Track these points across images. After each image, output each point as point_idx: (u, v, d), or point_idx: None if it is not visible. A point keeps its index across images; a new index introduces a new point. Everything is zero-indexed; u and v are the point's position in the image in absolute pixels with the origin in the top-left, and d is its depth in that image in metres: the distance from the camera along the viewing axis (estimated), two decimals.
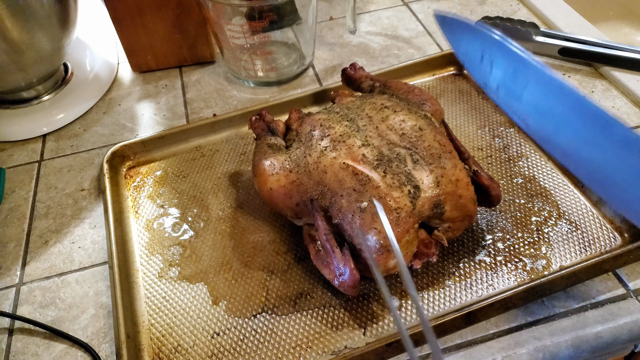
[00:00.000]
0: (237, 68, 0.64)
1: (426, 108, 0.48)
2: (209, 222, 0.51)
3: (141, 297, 0.45)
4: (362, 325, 0.42)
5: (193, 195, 0.53)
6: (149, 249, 0.49)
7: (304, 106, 0.61)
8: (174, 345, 0.42)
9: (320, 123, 0.46)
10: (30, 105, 0.63)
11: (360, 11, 0.76)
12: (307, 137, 0.46)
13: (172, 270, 0.47)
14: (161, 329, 0.43)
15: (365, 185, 0.40)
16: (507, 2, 0.75)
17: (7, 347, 0.43)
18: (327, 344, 0.41)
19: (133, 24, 0.62)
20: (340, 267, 0.39)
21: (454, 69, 0.65)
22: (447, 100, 0.61)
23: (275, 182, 0.44)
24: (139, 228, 0.51)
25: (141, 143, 0.57)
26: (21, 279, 0.48)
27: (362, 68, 0.57)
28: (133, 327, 0.43)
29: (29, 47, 0.56)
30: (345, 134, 0.44)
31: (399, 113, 0.45)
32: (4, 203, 0.54)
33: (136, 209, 0.53)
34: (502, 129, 0.57)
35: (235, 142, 0.58)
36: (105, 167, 0.54)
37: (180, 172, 0.56)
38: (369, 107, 0.47)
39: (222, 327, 0.43)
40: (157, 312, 0.44)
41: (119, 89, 0.67)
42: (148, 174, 0.56)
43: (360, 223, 0.39)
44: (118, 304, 0.43)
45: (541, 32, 0.64)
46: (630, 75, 0.60)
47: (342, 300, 0.43)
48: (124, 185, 0.55)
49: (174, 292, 0.45)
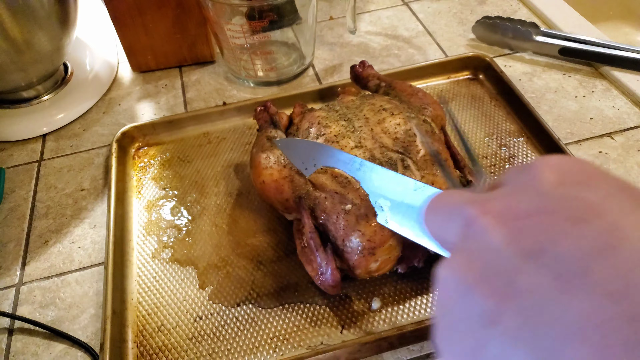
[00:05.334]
0: (237, 68, 0.64)
1: (427, 113, 0.48)
2: (206, 208, 0.52)
3: (133, 275, 0.47)
4: (340, 323, 0.42)
5: (195, 180, 0.54)
6: (146, 229, 0.50)
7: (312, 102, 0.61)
8: (158, 324, 0.43)
9: (318, 121, 0.46)
10: (30, 105, 0.63)
11: (360, 11, 0.76)
12: (304, 133, 0.46)
13: (166, 251, 0.48)
14: (148, 308, 0.44)
15: (346, 188, 0.40)
16: (507, 1, 0.75)
17: (7, 347, 0.43)
18: (304, 338, 0.42)
19: (133, 24, 0.62)
20: (322, 265, 0.39)
21: (469, 73, 0.64)
22: (458, 104, 0.60)
23: (268, 175, 0.45)
24: (140, 208, 0.52)
25: (151, 125, 0.59)
26: (21, 279, 0.48)
27: (370, 66, 0.57)
28: (121, 304, 0.44)
29: (29, 47, 0.56)
30: (340, 134, 0.44)
31: (396, 116, 0.45)
32: (3, 203, 0.54)
33: (139, 189, 0.54)
34: (510, 138, 0.56)
35: (242, 131, 0.59)
36: (114, 146, 0.56)
37: (186, 157, 0.57)
38: (367, 108, 0.47)
39: (206, 311, 0.44)
40: (145, 291, 0.46)
41: (119, 88, 0.67)
42: (155, 156, 0.57)
43: (344, 225, 0.39)
44: (108, 280, 0.44)
45: (541, 32, 0.64)
46: (630, 75, 0.60)
47: (324, 298, 0.44)
48: (130, 166, 0.56)
49: (165, 273, 0.47)
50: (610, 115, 0.57)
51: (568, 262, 0.15)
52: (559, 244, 0.15)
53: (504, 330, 0.15)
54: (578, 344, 0.13)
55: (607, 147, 0.54)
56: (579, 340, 0.13)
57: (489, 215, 0.17)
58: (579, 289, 0.14)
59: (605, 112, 0.58)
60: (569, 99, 0.60)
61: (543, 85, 0.62)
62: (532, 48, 0.65)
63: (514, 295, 0.15)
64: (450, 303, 0.18)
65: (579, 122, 0.57)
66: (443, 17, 0.74)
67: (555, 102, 0.60)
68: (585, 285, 0.14)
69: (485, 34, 0.68)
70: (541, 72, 0.64)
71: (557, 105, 0.59)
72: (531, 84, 0.62)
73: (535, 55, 0.66)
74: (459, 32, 0.71)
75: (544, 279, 0.15)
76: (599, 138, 0.55)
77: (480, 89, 0.62)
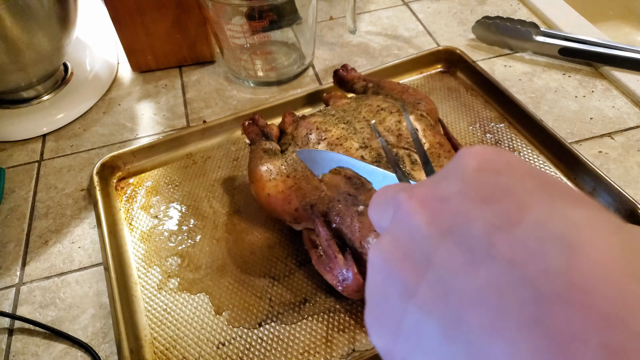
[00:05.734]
0: (237, 68, 0.64)
1: (421, 107, 0.48)
2: (205, 230, 0.50)
3: (141, 310, 0.44)
4: (364, 330, 0.41)
5: (187, 204, 0.52)
6: (145, 260, 0.48)
7: (301, 106, 0.60)
8: (179, 358, 0.41)
9: (316, 126, 0.46)
10: (30, 105, 0.63)
11: (360, 11, 0.76)
12: (303, 140, 0.45)
13: (172, 281, 0.46)
14: (165, 342, 0.42)
15: (359, 189, 0.40)
16: (507, 1, 0.75)
17: (7, 347, 0.43)
18: (335, 348, 0.41)
19: (133, 24, 0.62)
20: (344, 272, 0.38)
21: (441, 66, 0.65)
22: (436, 98, 0.61)
23: (273, 187, 0.43)
24: (134, 240, 0.50)
25: (131, 153, 0.56)
26: (21, 279, 0.48)
27: (353, 69, 0.57)
28: (135, 342, 0.42)
29: (29, 47, 0.56)
30: (342, 136, 0.44)
31: (395, 114, 0.45)
32: (4, 203, 0.54)
33: (130, 220, 0.51)
34: (493, 124, 0.57)
35: (227, 147, 0.57)
36: (95, 179, 0.53)
37: (173, 181, 0.55)
38: (365, 109, 0.47)
39: (227, 336, 0.42)
40: (159, 325, 0.43)
41: (119, 88, 0.67)
42: (139, 185, 0.55)
43: (359, 227, 0.39)
44: (118, 318, 0.42)
45: (541, 31, 0.64)
46: (630, 75, 0.60)
47: (346, 303, 0.43)
48: (115, 197, 0.53)
49: (175, 303, 0.45)
50: (610, 115, 0.57)
51: (477, 237, 0.16)
52: (471, 222, 0.16)
53: (418, 302, 0.16)
54: (480, 308, 0.15)
55: (607, 147, 0.54)
56: (481, 304, 0.15)
57: (413, 199, 0.19)
58: (484, 260, 0.15)
59: (605, 112, 0.58)
60: (569, 99, 0.60)
61: (543, 85, 0.62)
62: (532, 48, 0.65)
63: (429, 269, 0.17)
64: (377, 281, 0.19)
65: (579, 122, 0.57)
66: (443, 17, 0.74)
67: (555, 102, 0.60)
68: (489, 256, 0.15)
69: (485, 34, 0.68)
70: (541, 72, 0.64)
71: (557, 105, 0.59)
72: (531, 84, 0.62)
73: (535, 55, 0.66)
74: (459, 32, 0.71)
75: (456, 253, 0.16)
76: (599, 138, 0.55)
77: (454, 81, 0.63)
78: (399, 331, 0.17)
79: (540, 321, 0.13)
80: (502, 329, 0.14)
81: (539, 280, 0.14)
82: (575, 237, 0.14)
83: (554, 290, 0.14)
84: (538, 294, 0.14)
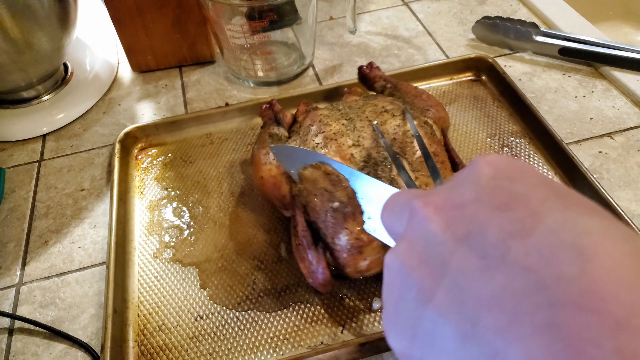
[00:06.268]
0: (237, 68, 0.64)
1: (429, 114, 0.48)
2: (208, 209, 0.52)
3: (134, 274, 0.47)
4: (341, 323, 0.42)
5: (197, 181, 0.55)
6: (148, 229, 0.50)
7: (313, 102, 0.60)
8: (159, 323, 0.44)
9: (319, 119, 0.47)
10: (30, 105, 0.63)
11: (360, 11, 0.76)
12: (305, 131, 0.47)
13: (167, 251, 0.48)
14: (149, 307, 0.45)
15: (337, 186, 0.40)
16: (507, 1, 0.75)
17: (7, 347, 0.43)
18: (305, 338, 0.42)
19: (133, 24, 0.62)
20: (313, 264, 0.39)
21: (472, 74, 0.64)
22: (461, 105, 0.60)
23: (267, 171, 0.45)
24: (142, 208, 0.52)
25: (154, 126, 0.59)
26: (21, 279, 0.48)
27: (377, 68, 0.57)
28: (122, 303, 0.44)
29: (29, 47, 0.56)
30: (339, 132, 0.45)
31: (396, 117, 0.45)
32: (4, 203, 0.54)
33: (142, 189, 0.54)
34: (513, 138, 0.56)
35: (244, 132, 0.59)
36: (117, 146, 0.56)
37: (188, 158, 0.57)
38: (370, 108, 0.47)
39: (207, 311, 0.44)
40: (147, 291, 0.46)
41: (119, 88, 0.67)
42: (157, 157, 0.58)
43: (332, 223, 0.39)
44: (110, 279, 0.44)
45: (541, 32, 0.64)
46: (630, 75, 0.60)
47: (324, 298, 0.44)
48: (133, 166, 0.57)
49: (166, 272, 0.47)
50: (610, 115, 0.57)
51: (492, 243, 0.16)
52: (486, 229, 0.17)
53: (436, 306, 0.17)
54: (496, 311, 0.15)
55: (607, 147, 0.54)
56: (497, 308, 0.15)
57: (429, 206, 0.19)
58: (499, 265, 0.16)
59: (605, 112, 0.58)
60: (569, 99, 0.60)
61: (543, 85, 0.62)
62: (532, 48, 0.65)
63: (446, 274, 0.17)
64: (394, 285, 0.20)
65: (579, 122, 0.57)
66: (443, 17, 0.74)
67: (555, 102, 0.60)
68: (504, 262, 0.16)
69: (485, 34, 0.68)
70: (541, 72, 0.64)
71: (557, 105, 0.59)
72: (531, 84, 0.62)
73: (535, 55, 0.66)
74: (459, 32, 0.71)
75: (472, 259, 0.17)
76: (599, 138, 0.55)
77: (482, 90, 0.62)
78: (416, 333, 0.18)
79: (555, 325, 0.14)
80: (517, 332, 0.14)
81: (553, 285, 0.14)
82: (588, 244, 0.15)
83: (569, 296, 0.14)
84: (553, 298, 0.14)
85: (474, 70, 0.64)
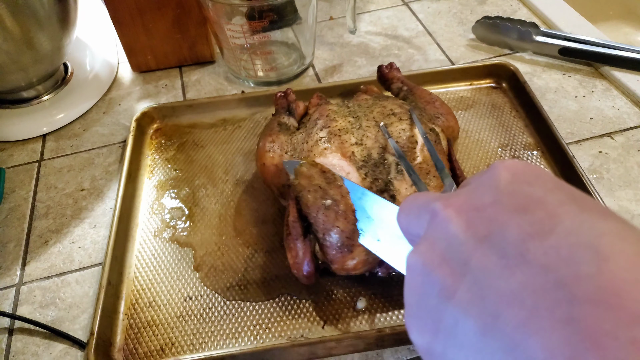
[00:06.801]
0: (237, 68, 0.64)
1: (438, 122, 0.48)
2: (212, 193, 0.53)
3: (134, 250, 0.49)
4: (323, 319, 0.43)
5: (205, 165, 0.56)
6: (152, 207, 0.52)
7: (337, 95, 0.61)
8: (150, 300, 0.45)
9: (327, 114, 0.47)
10: (30, 105, 0.63)
11: (360, 11, 0.76)
12: (311, 124, 0.47)
13: (167, 231, 0.50)
14: (142, 283, 0.46)
15: (331, 184, 0.40)
16: (507, 1, 0.75)
17: (7, 347, 0.43)
18: (286, 329, 0.42)
19: (133, 24, 0.62)
20: (300, 255, 0.40)
21: (492, 81, 0.63)
22: (477, 112, 0.59)
23: (269, 158, 0.46)
24: (150, 187, 0.54)
25: (171, 107, 0.60)
26: (21, 279, 0.48)
27: (397, 69, 0.57)
28: (118, 276, 0.46)
29: (29, 47, 0.56)
30: (344, 129, 0.45)
31: (403, 122, 0.45)
32: (4, 203, 0.54)
33: (152, 168, 0.56)
34: (525, 151, 0.55)
35: (257, 121, 0.60)
36: (133, 124, 0.58)
37: (200, 142, 0.58)
38: (378, 109, 0.47)
39: (196, 292, 0.45)
40: (143, 267, 0.47)
41: (119, 88, 0.67)
42: (171, 138, 0.59)
43: (323, 220, 0.39)
44: (108, 251, 0.46)
45: (541, 32, 0.64)
46: (630, 75, 0.60)
47: (311, 292, 0.44)
48: (147, 145, 0.58)
49: (164, 251, 0.48)
50: (610, 115, 0.57)
51: (512, 243, 0.17)
52: (506, 229, 0.18)
53: (458, 302, 0.18)
54: (516, 308, 0.16)
55: (607, 147, 0.54)
56: (517, 304, 0.16)
57: (451, 208, 0.20)
58: (519, 264, 0.17)
59: (605, 112, 0.58)
60: (569, 99, 0.60)
61: (543, 85, 0.62)
62: (532, 48, 0.65)
63: (467, 272, 0.18)
64: (416, 284, 0.21)
65: (579, 122, 0.57)
66: (443, 17, 0.74)
67: (555, 102, 0.60)
68: (524, 261, 0.17)
69: (485, 34, 0.68)
70: (541, 72, 0.64)
71: (557, 105, 0.59)
72: (531, 84, 0.62)
73: (535, 55, 0.66)
74: (459, 32, 0.71)
75: (492, 258, 0.18)
76: (599, 138, 0.55)
77: (501, 98, 0.61)
78: (438, 329, 0.19)
79: (574, 319, 0.15)
80: (537, 326, 0.15)
81: (572, 283, 0.15)
82: (604, 245, 0.16)
83: (586, 292, 0.15)
84: (571, 295, 0.15)
85: (495, 77, 0.63)
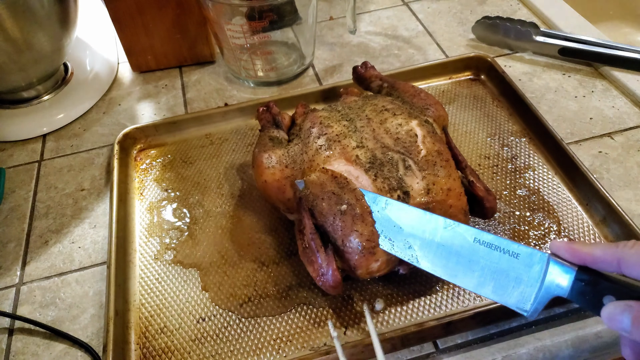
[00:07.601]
0: (237, 68, 0.64)
1: (429, 113, 0.48)
2: (209, 210, 0.52)
3: (135, 276, 0.47)
4: (344, 324, 0.42)
5: (197, 182, 0.55)
6: (148, 230, 0.50)
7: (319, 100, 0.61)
8: (161, 326, 0.43)
9: (320, 121, 0.46)
10: (30, 105, 0.63)
11: (360, 11, 0.76)
12: (306, 133, 0.46)
13: (168, 253, 0.48)
14: (150, 309, 0.44)
15: (344, 188, 0.40)
16: (507, 2, 0.75)
17: (7, 347, 0.43)
18: (307, 340, 0.42)
19: (133, 24, 0.62)
20: (323, 266, 0.39)
21: (470, 73, 0.64)
22: (460, 105, 0.60)
23: (270, 175, 0.45)
24: (142, 209, 0.52)
25: (153, 127, 0.59)
26: (21, 279, 0.48)
27: (373, 67, 0.57)
28: (124, 305, 0.44)
29: (29, 47, 0.56)
30: (341, 133, 0.44)
31: (397, 117, 0.45)
32: (4, 203, 0.54)
33: (141, 190, 0.54)
34: (513, 138, 0.56)
35: (244, 132, 0.59)
36: (116, 147, 0.56)
37: (188, 158, 0.57)
38: (369, 108, 0.47)
39: (209, 313, 0.44)
40: (148, 293, 0.46)
41: (119, 88, 0.67)
42: (157, 158, 0.57)
43: (341, 226, 0.39)
44: (111, 280, 0.44)
45: (541, 32, 0.64)
46: (630, 75, 0.60)
47: (327, 299, 0.44)
48: (132, 167, 0.57)
49: (167, 274, 0.47)
50: (610, 115, 0.57)
51: None
52: None
53: None
54: None
55: (607, 147, 0.54)
56: None
57: None
58: None
59: (605, 112, 0.58)
60: (569, 99, 0.60)
61: (543, 85, 0.62)
62: (532, 48, 0.65)
63: None
64: None
65: (579, 122, 0.57)
66: (443, 17, 0.74)
67: (555, 102, 0.60)
68: None
69: (485, 34, 0.68)
70: (541, 72, 0.64)
71: (557, 105, 0.59)
72: (531, 84, 0.62)
73: (535, 55, 0.66)
74: (459, 32, 0.71)
75: None
76: (599, 138, 0.55)
77: (482, 89, 0.62)
78: None
79: None
80: None
81: None
82: None
83: None
84: None
85: (473, 70, 0.64)
